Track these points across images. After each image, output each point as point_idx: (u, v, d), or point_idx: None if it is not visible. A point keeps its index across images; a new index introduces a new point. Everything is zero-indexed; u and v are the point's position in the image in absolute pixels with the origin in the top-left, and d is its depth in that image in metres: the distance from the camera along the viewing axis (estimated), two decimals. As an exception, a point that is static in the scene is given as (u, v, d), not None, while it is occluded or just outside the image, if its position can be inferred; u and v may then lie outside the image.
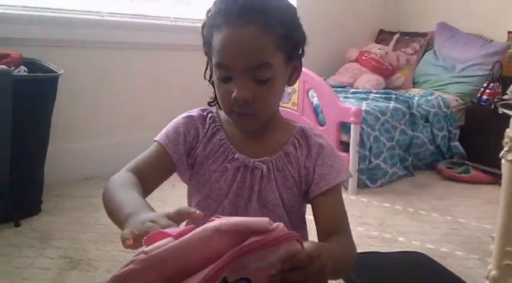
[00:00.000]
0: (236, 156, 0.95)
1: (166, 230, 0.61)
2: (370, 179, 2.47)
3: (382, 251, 1.66)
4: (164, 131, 0.99)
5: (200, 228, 0.58)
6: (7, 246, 1.65)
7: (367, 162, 2.43)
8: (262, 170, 0.94)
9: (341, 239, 0.89)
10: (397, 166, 2.58)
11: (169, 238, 0.59)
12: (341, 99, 2.56)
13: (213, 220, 0.62)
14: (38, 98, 1.90)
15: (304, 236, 1.02)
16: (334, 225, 0.92)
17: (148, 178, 0.92)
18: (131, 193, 0.82)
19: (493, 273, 0.88)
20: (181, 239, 0.58)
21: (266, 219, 0.62)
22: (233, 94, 0.85)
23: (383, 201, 2.25)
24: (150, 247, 0.57)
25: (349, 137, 2.34)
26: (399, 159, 2.61)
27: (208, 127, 0.97)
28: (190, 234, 0.58)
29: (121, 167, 0.91)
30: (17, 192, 1.84)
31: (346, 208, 0.95)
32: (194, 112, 1.00)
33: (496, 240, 0.89)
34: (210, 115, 0.99)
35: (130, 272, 0.56)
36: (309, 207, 0.98)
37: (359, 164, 2.37)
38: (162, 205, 1.85)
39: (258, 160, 0.94)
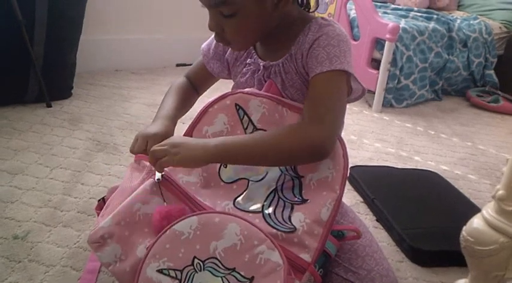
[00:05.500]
0: (248, 61, 1.03)
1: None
2: (396, 99, 2.45)
3: (396, 167, 1.69)
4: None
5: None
6: (39, 125, 1.74)
7: (396, 81, 2.40)
8: (270, 74, 0.99)
9: (290, 128, 0.89)
10: (425, 89, 2.54)
11: None
12: (379, 14, 2.47)
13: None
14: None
15: None
16: (306, 111, 0.90)
17: (197, 83, 1.16)
18: (170, 100, 1.08)
19: (501, 192, 0.90)
20: None
21: None
22: None
23: (405, 121, 2.26)
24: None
25: (382, 54, 2.29)
26: (429, 82, 2.57)
27: None
28: None
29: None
30: (50, 74, 1.90)
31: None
32: None
33: (510, 161, 0.90)
34: None
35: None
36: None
37: (387, 83, 2.35)
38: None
39: (263, 63, 1.00)
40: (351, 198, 1.48)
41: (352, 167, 1.61)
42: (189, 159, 0.85)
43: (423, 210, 1.38)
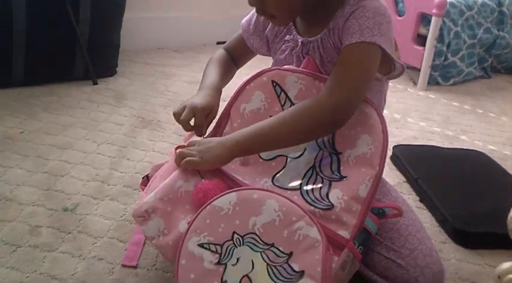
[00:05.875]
0: (287, 37, 1.02)
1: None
2: (443, 77, 2.38)
3: (442, 146, 1.65)
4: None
5: None
6: (86, 101, 1.79)
7: (443, 58, 2.32)
8: (308, 50, 0.98)
9: (303, 103, 0.89)
10: (474, 66, 2.45)
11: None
12: (426, -12, 2.39)
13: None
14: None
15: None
16: (327, 81, 0.90)
17: (236, 56, 1.16)
18: (213, 71, 1.08)
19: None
20: None
21: None
22: None
23: (452, 99, 2.19)
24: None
25: (428, 30, 2.22)
26: (478, 59, 2.47)
27: None
28: None
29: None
30: (95, 52, 1.95)
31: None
32: None
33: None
34: None
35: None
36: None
37: (434, 60, 2.27)
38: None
39: (301, 39, 0.99)
40: (393, 177, 1.45)
41: (395, 146, 1.58)
42: (214, 161, 0.89)
43: (468, 190, 1.35)
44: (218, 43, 2.67)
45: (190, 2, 2.59)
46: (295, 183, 0.89)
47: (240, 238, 0.80)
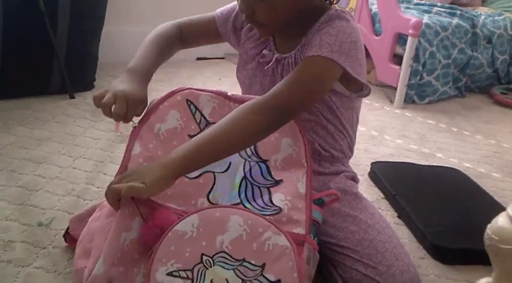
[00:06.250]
0: (264, 52, 1.05)
1: None
2: (419, 95, 2.42)
3: (419, 163, 1.67)
4: (227, 5, 1.13)
5: None
6: (62, 115, 1.76)
7: (419, 77, 2.37)
8: (283, 67, 1.01)
9: (240, 108, 0.88)
10: (449, 85, 2.51)
11: None
12: (402, 9, 2.44)
13: None
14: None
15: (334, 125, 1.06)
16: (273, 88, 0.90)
17: (190, 36, 1.16)
18: (149, 50, 1.08)
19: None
20: None
21: None
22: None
23: (428, 118, 2.23)
24: None
25: (404, 49, 2.26)
26: (452, 79, 2.53)
27: None
28: None
29: None
30: (73, 66, 1.93)
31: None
32: None
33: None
34: None
35: None
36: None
37: (410, 79, 2.32)
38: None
39: (277, 55, 1.02)
40: (371, 194, 1.46)
41: (373, 163, 1.59)
42: (159, 184, 0.80)
43: (445, 207, 1.36)
44: (198, 59, 2.68)
45: (170, 16, 2.59)
46: (234, 198, 0.89)
47: (210, 259, 0.78)
